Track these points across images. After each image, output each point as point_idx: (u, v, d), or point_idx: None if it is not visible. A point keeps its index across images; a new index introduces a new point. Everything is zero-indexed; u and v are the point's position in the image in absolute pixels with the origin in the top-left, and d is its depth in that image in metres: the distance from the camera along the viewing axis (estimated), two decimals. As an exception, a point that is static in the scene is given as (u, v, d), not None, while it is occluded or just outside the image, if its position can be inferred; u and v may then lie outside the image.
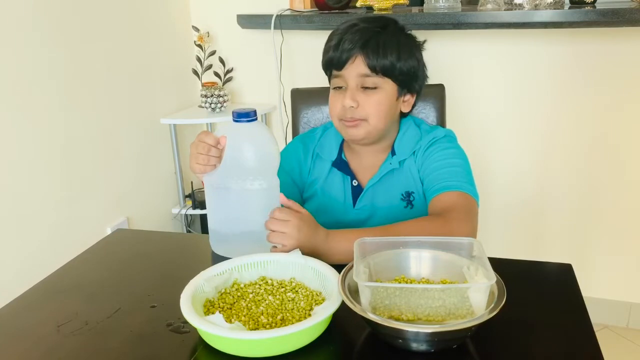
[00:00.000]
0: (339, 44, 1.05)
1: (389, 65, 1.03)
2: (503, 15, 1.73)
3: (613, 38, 1.81)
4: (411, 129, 1.14)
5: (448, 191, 1.02)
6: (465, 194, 1.01)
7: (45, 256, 1.59)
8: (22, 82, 1.54)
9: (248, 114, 0.89)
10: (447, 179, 1.04)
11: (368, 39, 1.03)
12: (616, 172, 1.93)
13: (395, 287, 0.73)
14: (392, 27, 1.07)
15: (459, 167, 1.07)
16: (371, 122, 1.06)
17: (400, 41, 1.05)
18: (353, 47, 1.03)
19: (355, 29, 1.05)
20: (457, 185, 1.02)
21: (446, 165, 1.06)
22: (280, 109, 2.19)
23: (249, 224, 0.94)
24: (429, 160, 1.09)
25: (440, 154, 1.09)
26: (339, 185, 1.15)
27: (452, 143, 1.12)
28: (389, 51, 1.03)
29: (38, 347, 0.75)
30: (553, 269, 0.93)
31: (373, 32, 1.04)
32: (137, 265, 1.00)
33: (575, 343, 0.72)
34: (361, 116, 1.05)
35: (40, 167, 1.62)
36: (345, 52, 1.04)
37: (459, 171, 1.06)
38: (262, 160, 0.91)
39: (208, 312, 0.76)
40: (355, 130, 1.07)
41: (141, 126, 2.05)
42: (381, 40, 1.03)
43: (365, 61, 1.03)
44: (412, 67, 1.07)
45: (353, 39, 1.03)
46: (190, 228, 2.37)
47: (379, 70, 1.03)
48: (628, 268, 2.02)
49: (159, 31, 2.12)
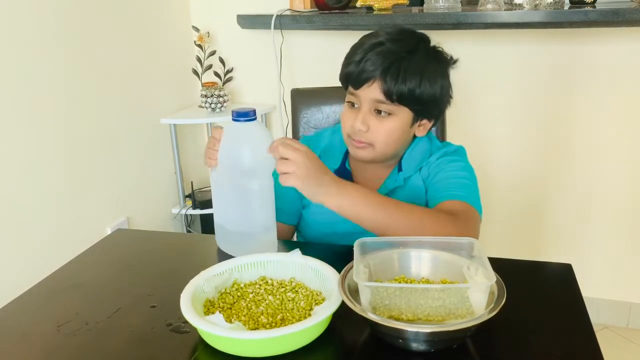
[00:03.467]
0: (360, 62, 0.99)
1: (406, 93, 0.98)
2: (503, 15, 1.73)
3: (613, 38, 1.81)
4: (422, 144, 1.10)
5: (452, 200, 0.99)
6: (469, 206, 0.99)
7: (45, 256, 1.59)
8: (22, 82, 1.54)
9: (247, 114, 0.89)
10: (453, 188, 1.01)
11: (390, 64, 0.97)
12: (616, 172, 1.93)
13: (395, 287, 0.73)
14: (422, 49, 1.00)
15: (467, 180, 1.04)
16: (378, 149, 1.03)
17: (426, 67, 0.99)
18: (373, 70, 0.97)
19: (379, 50, 0.98)
20: (463, 195, 1.00)
21: (453, 177, 1.04)
22: (280, 109, 2.19)
23: (247, 222, 0.94)
24: (435, 170, 1.07)
25: (448, 165, 1.06)
26: None
27: (461, 157, 1.10)
28: (410, 79, 0.97)
29: (38, 347, 0.75)
30: (553, 269, 0.93)
31: (397, 57, 0.97)
32: (137, 265, 1.00)
33: (575, 343, 0.72)
34: (369, 140, 1.02)
35: (40, 167, 1.62)
36: (364, 73, 0.98)
37: (466, 184, 1.03)
38: (259, 160, 0.91)
39: (208, 312, 0.76)
40: (361, 151, 1.04)
41: (141, 126, 2.05)
42: (404, 66, 0.97)
43: (382, 87, 0.97)
44: (433, 95, 1.00)
45: (375, 61, 0.97)
46: (190, 228, 2.37)
47: (395, 99, 0.98)
48: (628, 268, 2.02)
49: (159, 31, 2.12)
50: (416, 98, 0.99)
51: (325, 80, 1.44)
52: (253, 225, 0.94)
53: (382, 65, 0.97)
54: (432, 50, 1.03)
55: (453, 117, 1.44)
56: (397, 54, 0.97)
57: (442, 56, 1.04)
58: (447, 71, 1.04)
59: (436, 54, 1.03)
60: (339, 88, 1.41)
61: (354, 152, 1.07)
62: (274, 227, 0.97)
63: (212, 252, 1.08)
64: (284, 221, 1.14)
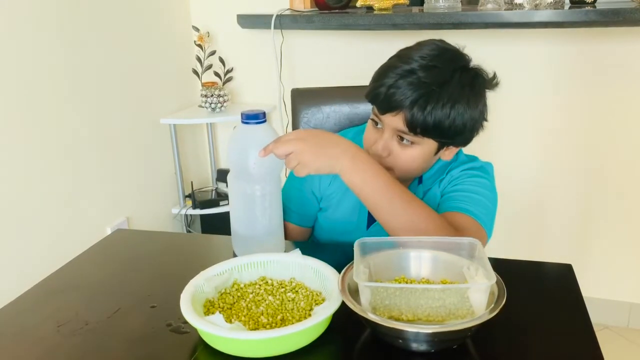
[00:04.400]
0: (389, 88, 0.93)
1: (431, 128, 0.92)
2: (503, 15, 1.73)
3: (613, 38, 1.81)
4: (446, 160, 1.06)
5: (463, 213, 0.96)
6: (479, 225, 0.95)
7: (45, 256, 1.59)
8: (22, 82, 1.54)
9: (257, 116, 0.87)
10: (467, 202, 0.98)
11: (419, 97, 0.91)
12: (616, 171, 1.93)
13: (395, 287, 0.73)
14: (456, 78, 0.93)
15: (485, 199, 1.00)
16: (397, 173, 0.99)
17: (457, 100, 0.92)
18: (400, 100, 0.92)
19: (411, 80, 0.92)
20: (475, 213, 0.96)
21: (472, 192, 1.00)
22: (280, 109, 2.19)
23: (254, 225, 0.94)
24: (456, 182, 1.03)
25: (470, 179, 1.03)
26: (356, 204, 1.08)
27: (487, 175, 1.06)
28: (438, 114, 0.91)
29: (38, 347, 0.75)
30: (553, 269, 0.93)
31: (428, 90, 0.91)
32: (137, 265, 1.00)
33: (575, 343, 0.72)
34: (389, 165, 0.98)
35: (40, 167, 1.62)
36: (390, 101, 0.93)
37: (483, 202, 0.99)
38: (269, 163, 0.90)
39: (208, 312, 0.76)
40: None
41: (141, 126, 2.05)
42: (433, 100, 0.91)
43: (406, 119, 0.92)
44: (463, 127, 0.94)
45: (404, 91, 0.91)
46: (190, 228, 2.37)
47: (419, 132, 0.94)
48: (628, 268, 2.02)
49: (159, 31, 2.12)
50: (443, 131, 0.94)
51: (325, 80, 1.44)
52: (258, 228, 0.94)
53: (410, 97, 0.91)
54: (467, 78, 0.95)
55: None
56: (427, 86, 0.91)
57: (478, 82, 0.97)
58: (482, 99, 0.98)
59: (472, 81, 0.96)
60: (339, 88, 1.41)
61: None
62: (280, 231, 0.96)
63: (212, 252, 1.08)
64: (299, 223, 1.14)
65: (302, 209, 1.13)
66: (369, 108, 1.18)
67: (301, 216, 1.14)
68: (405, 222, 0.89)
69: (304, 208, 1.13)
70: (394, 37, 1.98)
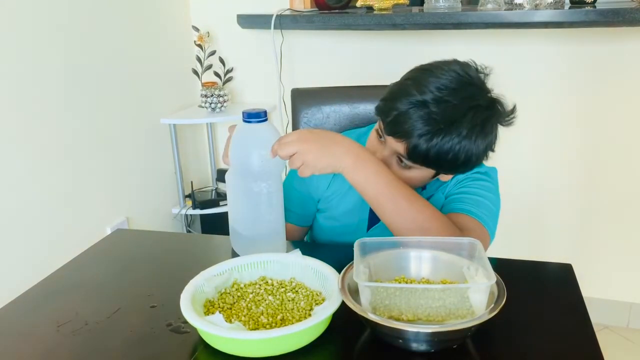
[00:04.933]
0: (399, 115, 0.90)
1: (432, 160, 0.91)
2: (503, 15, 1.73)
3: (613, 38, 1.81)
4: None
5: (467, 215, 0.96)
6: (482, 227, 0.96)
7: (45, 256, 1.59)
8: (22, 82, 1.54)
9: (258, 115, 0.87)
10: (470, 205, 0.98)
11: (426, 132, 0.88)
12: (616, 171, 1.94)
13: (395, 287, 0.73)
14: (470, 117, 0.89)
15: (489, 202, 1.01)
16: None
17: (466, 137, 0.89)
18: (407, 132, 0.89)
19: (422, 112, 0.89)
20: (479, 215, 0.97)
21: (476, 194, 1.01)
22: (280, 109, 2.19)
23: (255, 224, 0.94)
24: (461, 185, 1.03)
25: (474, 182, 1.03)
26: (357, 206, 1.08)
27: (492, 180, 1.06)
28: (442, 149, 0.89)
29: (38, 347, 0.75)
30: (553, 269, 0.93)
31: (437, 128, 0.88)
32: (137, 265, 1.00)
33: (575, 343, 0.72)
34: None
35: (40, 167, 1.62)
36: (397, 129, 0.91)
37: (486, 205, 1.00)
38: (268, 162, 0.90)
39: (208, 312, 0.76)
40: None
41: (141, 126, 2.05)
42: (440, 136, 0.88)
43: (408, 149, 0.90)
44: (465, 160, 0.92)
45: (413, 124, 0.89)
46: (190, 228, 2.37)
47: (419, 162, 0.92)
48: (628, 268, 2.02)
49: (159, 31, 2.12)
50: (443, 164, 0.92)
51: (325, 80, 1.44)
52: (260, 227, 0.94)
53: (418, 130, 0.88)
54: (481, 117, 0.91)
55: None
56: (437, 123, 0.88)
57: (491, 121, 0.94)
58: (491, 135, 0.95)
59: (485, 120, 0.92)
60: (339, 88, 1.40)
61: None
62: (282, 230, 0.96)
63: (212, 252, 1.08)
64: (296, 223, 1.14)
65: (301, 209, 1.13)
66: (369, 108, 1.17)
67: (300, 216, 1.14)
68: (410, 221, 0.89)
69: (302, 208, 1.13)
70: (394, 37, 1.98)
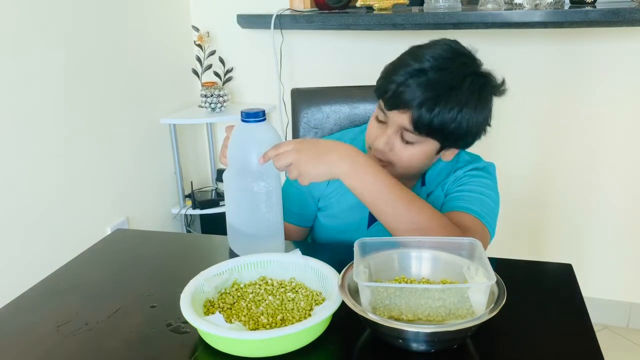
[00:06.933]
0: (399, 86, 0.93)
1: (436, 129, 0.93)
2: (503, 15, 1.73)
3: (613, 38, 1.81)
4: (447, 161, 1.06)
5: (466, 213, 0.97)
6: (482, 225, 0.96)
7: (45, 256, 1.59)
8: (22, 82, 1.54)
9: (257, 114, 0.87)
10: (470, 202, 0.99)
11: (427, 98, 0.91)
12: (616, 171, 1.93)
13: (395, 287, 0.73)
14: (467, 83, 0.93)
15: (488, 199, 1.01)
16: (398, 169, 0.99)
17: (465, 105, 0.93)
18: (409, 100, 0.92)
19: (421, 80, 0.92)
20: (478, 212, 0.97)
21: (475, 191, 1.01)
22: (280, 109, 2.19)
23: (253, 223, 0.94)
24: (459, 182, 1.04)
25: (473, 179, 1.03)
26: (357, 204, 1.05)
27: (490, 176, 1.07)
28: (445, 117, 0.92)
29: (38, 347, 0.75)
30: (553, 269, 0.93)
31: (437, 92, 0.91)
32: (137, 265, 1.00)
33: (575, 343, 0.72)
34: (390, 160, 0.99)
35: (40, 167, 1.62)
36: (399, 100, 0.93)
37: (485, 202, 1.00)
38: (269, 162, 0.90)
39: (208, 312, 0.76)
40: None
41: (141, 126, 2.05)
42: (441, 103, 0.91)
43: (412, 119, 0.93)
44: (467, 131, 0.96)
45: (414, 91, 0.91)
46: (190, 228, 2.37)
47: (424, 133, 0.94)
48: (628, 268, 2.02)
49: (159, 31, 2.12)
50: (447, 134, 0.94)
51: (325, 80, 1.44)
52: (259, 226, 0.94)
53: (420, 97, 0.91)
54: (477, 84, 0.95)
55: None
56: (437, 88, 0.91)
57: (487, 89, 0.97)
58: (488, 105, 0.98)
59: (481, 88, 0.96)
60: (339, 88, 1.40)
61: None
62: (281, 229, 0.96)
63: (212, 252, 1.08)
64: (298, 223, 1.14)
65: (301, 209, 1.13)
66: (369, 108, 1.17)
67: (300, 216, 1.14)
68: (409, 223, 0.89)
69: (303, 208, 1.13)
70: (394, 37, 1.98)
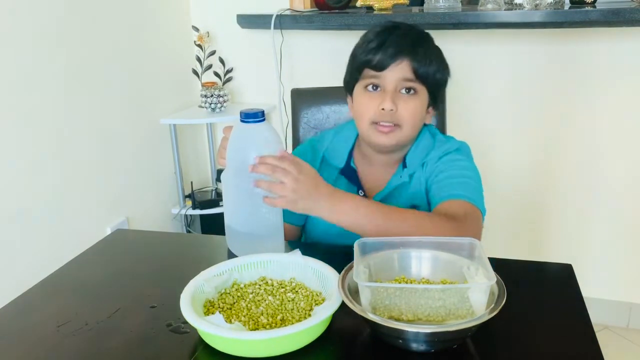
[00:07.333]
0: (383, 45, 1.01)
1: (431, 72, 1.02)
2: (503, 15, 1.73)
3: (613, 38, 1.81)
4: (425, 139, 1.11)
5: (455, 199, 0.99)
6: (472, 205, 0.98)
7: (45, 256, 1.59)
8: (22, 82, 1.54)
9: (256, 114, 0.87)
10: (454, 188, 1.01)
11: (415, 43, 1.01)
12: (616, 171, 1.93)
13: (395, 287, 0.73)
14: (430, 38, 1.07)
15: (470, 180, 1.04)
16: (404, 130, 1.03)
17: (438, 52, 1.06)
18: (400, 49, 1.00)
19: (399, 32, 1.02)
20: (466, 195, 0.99)
21: (456, 176, 1.04)
22: (280, 109, 2.19)
23: (253, 224, 0.94)
24: (438, 170, 1.06)
25: (451, 164, 1.06)
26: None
27: (465, 156, 1.10)
28: (432, 59, 1.02)
29: (38, 347, 0.75)
30: (553, 269, 0.93)
31: (418, 38, 1.03)
32: (137, 265, 1.00)
33: (575, 343, 0.72)
34: (397, 121, 1.02)
35: (40, 167, 1.62)
36: (391, 54, 1.00)
37: (469, 183, 1.03)
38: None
39: (208, 312, 0.76)
40: (386, 137, 1.03)
41: (141, 126, 2.05)
42: (425, 47, 1.03)
43: (411, 65, 1.01)
44: (444, 80, 1.07)
45: (400, 41, 1.01)
46: (190, 228, 2.37)
47: (420, 76, 1.01)
48: (628, 268, 2.02)
49: (159, 31, 2.12)
50: (436, 80, 1.04)
51: (325, 80, 1.44)
52: (259, 227, 0.94)
53: (409, 45, 1.01)
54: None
55: (453, 117, 1.44)
56: (417, 37, 1.03)
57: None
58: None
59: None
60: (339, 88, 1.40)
61: (377, 139, 1.05)
62: (281, 229, 0.96)
63: (212, 252, 1.08)
64: (290, 222, 1.14)
65: None
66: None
67: (292, 215, 1.13)
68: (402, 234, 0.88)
69: None
70: (394, 37, 1.98)
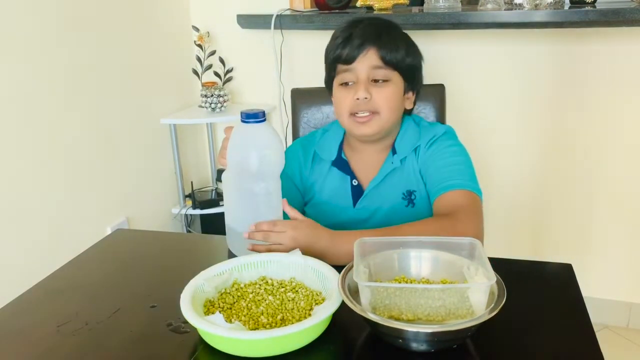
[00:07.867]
0: (349, 38, 1.05)
1: (400, 58, 1.06)
2: (503, 15, 1.73)
3: (613, 38, 1.81)
4: (411, 127, 1.14)
5: (452, 190, 1.02)
6: (469, 192, 1.02)
7: (45, 256, 1.59)
8: (23, 82, 1.54)
9: (256, 115, 0.88)
10: (450, 177, 1.04)
11: (379, 32, 1.05)
12: (616, 171, 1.93)
13: (395, 287, 0.73)
14: (396, 26, 1.10)
15: (462, 165, 1.07)
16: (383, 116, 1.06)
17: (407, 39, 1.10)
18: (365, 40, 1.04)
19: (363, 24, 1.07)
20: (461, 183, 1.03)
21: (449, 164, 1.07)
22: (280, 109, 2.19)
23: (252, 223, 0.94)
24: (431, 159, 1.09)
25: (442, 151, 1.09)
26: (339, 185, 1.15)
27: (453, 140, 1.12)
28: (399, 45, 1.06)
29: (38, 347, 0.75)
30: (553, 269, 0.93)
31: (382, 27, 1.07)
32: (137, 265, 1.00)
33: (575, 343, 0.72)
34: (374, 109, 1.05)
35: (41, 167, 1.62)
36: (357, 45, 1.04)
37: (461, 169, 1.06)
38: (267, 162, 0.90)
39: (208, 312, 0.76)
40: (366, 126, 1.07)
41: (141, 126, 2.05)
42: (391, 34, 1.06)
43: (378, 53, 1.04)
44: (417, 64, 1.11)
45: (364, 32, 1.05)
46: (190, 228, 2.37)
47: (389, 63, 1.05)
48: (628, 268, 2.02)
49: (159, 31, 2.12)
50: (407, 65, 1.07)
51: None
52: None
53: (373, 34, 1.05)
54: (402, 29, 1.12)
55: (453, 117, 1.44)
56: (380, 25, 1.08)
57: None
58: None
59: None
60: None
61: (358, 130, 1.08)
62: None
63: (211, 252, 1.08)
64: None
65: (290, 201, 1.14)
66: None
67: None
68: None
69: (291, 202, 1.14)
70: (394, 37, 1.98)
